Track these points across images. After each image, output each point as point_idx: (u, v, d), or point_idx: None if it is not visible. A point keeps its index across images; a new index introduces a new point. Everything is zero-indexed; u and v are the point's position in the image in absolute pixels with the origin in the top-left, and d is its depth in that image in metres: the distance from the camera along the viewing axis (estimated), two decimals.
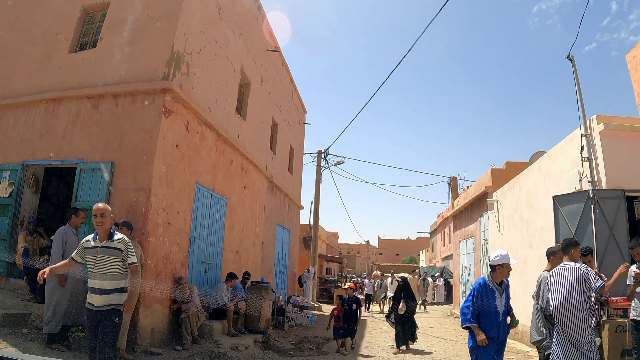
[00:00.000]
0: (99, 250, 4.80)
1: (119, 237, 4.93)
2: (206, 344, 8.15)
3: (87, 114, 8.63)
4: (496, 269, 5.23)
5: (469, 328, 5.19)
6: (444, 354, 9.71)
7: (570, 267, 5.05)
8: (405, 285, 10.08)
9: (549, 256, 5.96)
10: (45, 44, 9.55)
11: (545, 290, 5.50)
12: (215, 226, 10.38)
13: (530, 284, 9.77)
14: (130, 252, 4.92)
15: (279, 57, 16.43)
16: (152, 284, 7.58)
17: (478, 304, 5.15)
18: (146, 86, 8.31)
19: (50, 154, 8.74)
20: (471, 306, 5.17)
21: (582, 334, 4.78)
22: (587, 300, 4.89)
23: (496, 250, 5.49)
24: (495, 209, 13.79)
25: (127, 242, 4.97)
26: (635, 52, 11.73)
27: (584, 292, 4.90)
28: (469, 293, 5.33)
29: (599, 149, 7.99)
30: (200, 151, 9.61)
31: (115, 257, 4.81)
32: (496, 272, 5.23)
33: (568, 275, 4.99)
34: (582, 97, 8.76)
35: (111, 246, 4.83)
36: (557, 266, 5.27)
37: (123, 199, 7.84)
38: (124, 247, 4.87)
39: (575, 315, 4.81)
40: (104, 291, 4.73)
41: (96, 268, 4.77)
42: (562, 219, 8.10)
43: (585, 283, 4.90)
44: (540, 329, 5.62)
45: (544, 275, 5.70)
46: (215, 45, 10.37)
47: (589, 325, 4.85)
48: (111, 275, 4.77)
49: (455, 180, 24.73)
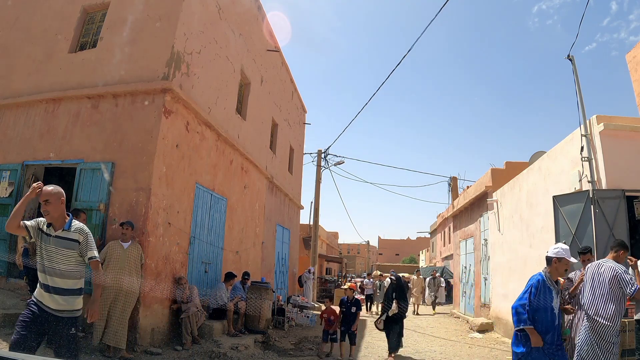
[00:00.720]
0: (52, 241, 3.95)
1: (77, 227, 4.08)
2: (206, 344, 8.16)
3: (87, 114, 8.63)
4: (552, 262, 4.72)
5: (522, 330, 4.60)
6: (444, 354, 9.71)
7: (608, 265, 5.13)
8: (399, 285, 9.28)
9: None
10: (45, 44, 9.55)
11: None
12: (215, 226, 10.38)
13: None
14: (90, 245, 4.07)
15: (279, 57, 16.44)
16: (152, 284, 7.59)
17: (535, 302, 4.58)
18: (146, 86, 8.32)
19: (50, 154, 8.74)
20: (527, 305, 4.58)
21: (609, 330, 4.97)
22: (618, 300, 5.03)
23: (556, 244, 5.07)
24: (495, 209, 13.79)
25: (86, 232, 4.11)
26: (635, 52, 11.73)
27: (616, 292, 5.04)
28: (525, 290, 4.74)
29: (599, 149, 7.99)
30: (200, 151, 9.61)
31: (72, 251, 3.98)
32: (552, 267, 4.72)
33: (602, 272, 5.14)
34: (582, 97, 8.77)
35: (67, 237, 3.99)
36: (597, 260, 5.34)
37: (123, 199, 7.85)
38: (82, 239, 4.03)
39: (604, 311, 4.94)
40: (58, 291, 3.91)
41: (47, 261, 3.94)
42: (562, 219, 8.10)
43: (617, 284, 5.03)
44: None
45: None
46: (215, 45, 10.38)
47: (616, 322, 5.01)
48: (66, 273, 3.94)
49: (455, 180, 24.73)
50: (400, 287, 9.28)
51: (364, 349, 10.07)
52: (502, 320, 12.70)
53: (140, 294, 7.31)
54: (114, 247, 7.10)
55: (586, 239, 7.46)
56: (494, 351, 10.15)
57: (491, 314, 13.94)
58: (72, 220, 4.09)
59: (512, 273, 12.19)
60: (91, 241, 4.11)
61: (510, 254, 12.38)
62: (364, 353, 9.57)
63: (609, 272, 5.14)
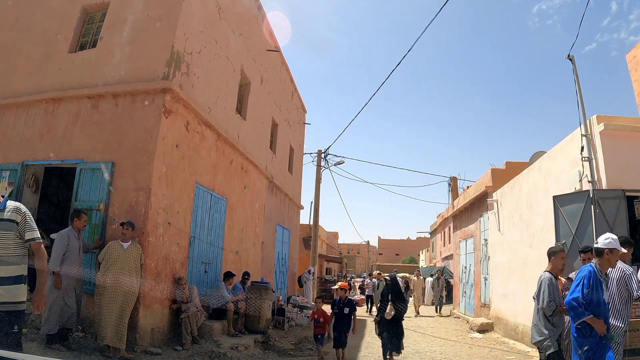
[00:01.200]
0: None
1: (13, 206, 3.81)
2: (206, 344, 8.16)
3: (87, 113, 8.61)
4: (604, 254, 4.59)
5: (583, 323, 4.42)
6: (444, 354, 9.71)
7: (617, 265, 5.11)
8: (394, 285, 8.79)
9: (550, 256, 5.94)
10: (45, 43, 9.53)
11: (545, 291, 5.50)
12: (215, 226, 10.37)
13: (531, 285, 9.75)
14: (29, 225, 3.80)
15: (279, 57, 16.42)
16: (152, 284, 7.58)
17: (588, 296, 4.41)
18: (146, 86, 8.31)
19: (50, 154, 8.71)
20: (580, 298, 4.41)
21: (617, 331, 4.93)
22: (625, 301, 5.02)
23: (605, 234, 4.87)
24: (495, 209, 13.79)
25: (23, 211, 3.83)
26: (636, 52, 11.73)
27: (623, 293, 5.02)
28: (576, 283, 4.56)
29: (599, 149, 7.99)
30: (200, 151, 9.60)
31: (9, 232, 3.69)
32: (603, 259, 4.60)
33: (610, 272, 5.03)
34: (582, 97, 8.76)
35: (2, 218, 3.72)
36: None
37: (123, 199, 7.84)
38: (20, 219, 3.76)
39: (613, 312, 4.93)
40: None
41: None
42: (563, 219, 8.09)
43: (625, 286, 5.02)
44: (541, 330, 5.59)
45: (544, 276, 5.69)
46: (215, 45, 10.37)
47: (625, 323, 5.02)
48: (4, 258, 3.63)
49: (455, 180, 24.71)
50: (395, 287, 8.74)
51: (364, 349, 10.07)
52: (502, 320, 12.69)
53: (140, 294, 7.30)
54: (114, 247, 7.09)
55: (586, 239, 7.45)
56: (494, 351, 10.14)
57: (491, 314, 13.93)
58: (7, 200, 3.83)
59: (512, 273, 12.19)
60: (30, 220, 3.83)
61: (510, 253, 12.38)
62: (364, 353, 9.57)
63: (617, 273, 5.11)
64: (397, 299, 8.48)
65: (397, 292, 8.59)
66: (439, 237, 34.56)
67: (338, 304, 8.09)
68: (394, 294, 8.50)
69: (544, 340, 5.51)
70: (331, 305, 8.26)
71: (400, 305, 8.52)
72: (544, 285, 5.57)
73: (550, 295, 5.47)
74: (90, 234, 7.81)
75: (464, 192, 20.30)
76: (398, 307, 8.41)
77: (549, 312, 5.49)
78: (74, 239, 6.95)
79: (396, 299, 8.44)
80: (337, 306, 8.07)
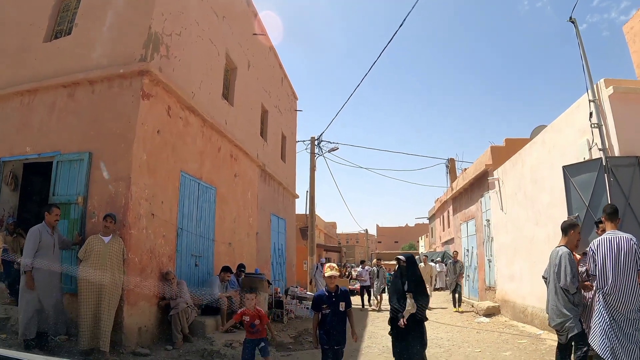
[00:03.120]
0: None
1: None
2: (198, 341, 7.66)
3: (63, 103, 8.17)
4: None
5: None
6: (451, 341, 9.24)
7: (620, 236, 4.55)
8: (412, 270, 5.98)
9: (566, 230, 5.43)
10: (20, 35, 9.11)
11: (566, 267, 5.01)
12: (205, 217, 9.83)
13: (539, 264, 9.28)
14: None
15: (267, 42, 15.84)
16: (137, 280, 7.07)
17: None
18: (123, 69, 7.82)
19: (27, 148, 8.24)
20: None
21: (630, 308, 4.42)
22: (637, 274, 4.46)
23: None
24: (496, 187, 13.29)
25: None
26: (633, 23, 11.19)
27: (635, 265, 4.50)
28: None
29: (609, 114, 7.46)
30: (185, 137, 9.06)
31: None
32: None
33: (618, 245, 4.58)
34: (587, 61, 8.24)
35: None
36: (604, 234, 4.74)
37: (102, 190, 7.34)
38: None
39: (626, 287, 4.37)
40: None
41: None
42: (574, 191, 7.56)
43: (636, 257, 4.53)
44: (562, 311, 5.09)
45: (562, 251, 5.19)
46: (197, 27, 9.83)
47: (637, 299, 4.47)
48: None
49: (452, 161, 24.24)
50: (413, 273, 5.98)
51: (367, 339, 9.59)
52: (509, 303, 12.23)
53: (124, 291, 6.80)
54: (94, 242, 6.57)
55: (601, 210, 6.90)
56: (503, 335, 9.67)
57: (497, 296, 13.48)
58: None
59: (517, 253, 11.71)
60: None
61: (515, 233, 11.90)
62: (367, 344, 9.08)
63: (624, 244, 4.59)
64: (418, 290, 5.82)
65: (416, 280, 5.92)
66: (438, 221, 34.16)
67: (327, 300, 5.29)
68: (413, 282, 5.85)
69: (565, 321, 5.02)
70: (312, 304, 5.51)
71: (423, 301, 5.85)
72: (565, 261, 5.07)
73: (572, 271, 4.98)
74: (70, 230, 7.31)
75: (462, 173, 19.82)
76: (420, 302, 5.75)
77: (574, 289, 5.01)
78: (47, 235, 6.44)
79: (416, 290, 5.78)
80: (326, 302, 5.27)
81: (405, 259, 6.12)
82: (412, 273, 5.95)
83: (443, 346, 8.75)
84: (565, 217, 7.96)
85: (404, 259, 6.10)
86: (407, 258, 6.15)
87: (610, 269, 4.60)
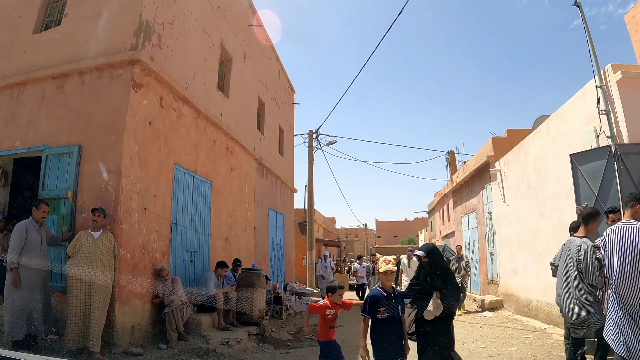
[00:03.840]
0: None
1: None
2: (194, 339, 7.37)
3: (52, 95, 7.90)
4: None
5: None
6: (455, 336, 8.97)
7: (634, 226, 4.18)
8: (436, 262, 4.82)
9: (587, 219, 5.10)
10: (9, 28, 8.87)
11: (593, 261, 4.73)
12: (200, 211, 9.55)
13: (544, 257, 9.05)
14: None
15: (263, 33, 15.49)
16: (128, 277, 6.81)
17: None
18: (113, 59, 7.54)
19: (16, 142, 7.95)
20: None
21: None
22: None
23: None
24: (499, 179, 13.03)
25: None
26: (635, 12, 10.90)
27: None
28: None
29: (617, 100, 7.20)
30: (178, 129, 8.76)
31: None
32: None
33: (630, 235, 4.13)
34: (593, 46, 7.95)
35: None
36: (617, 224, 4.37)
37: (92, 184, 7.05)
38: None
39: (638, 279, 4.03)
40: None
41: None
42: (583, 180, 7.29)
43: None
44: (585, 304, 4.81)
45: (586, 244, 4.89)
46: (190, 17, 9.53)
47: None
48: None
49: (452, 154, 23.95)
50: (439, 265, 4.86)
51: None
52: (512, 297, 12.00)
53: (116, 289, 6.53)
54: (83, 238, 6.28)
55: (611, 199, 6.68)
56: (508, 330, 9.42)
57: (500, 290, 13.25)
58: None
59: (521, 246, 11.47)
60: None
61: (518, 225, 11.65)
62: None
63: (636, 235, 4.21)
64: (447, 285, 4.73)
65: (443, 273, 4.84)
66: (438, 215, 33.86)
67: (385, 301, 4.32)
68: (440, 276, 4.76)
69: (589, 316, 4.75)
70: (365, 305, 4.40)
71: (451, 298, 4.68)
72: (591, 254, 4.78)
73: (599, 266, 4.70)
74: (60, 225, 7.04)
75: (463, 166, 19.53)
76: (448, 301, 4.58)
77: (602, 284, 4.73)
78: (34, 231, 6.18)
79: (445, 285, 4.69)
80: (383, 305, 4.29)
81: (425, 253, 4.80)
82: (437, 266, 4.80)
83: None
84: (572, 207, 7.72)
85: (424, 254, 4.79)
86: (427, 252, 4.83)
87: (617, 261, 4.28)
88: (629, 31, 11.27)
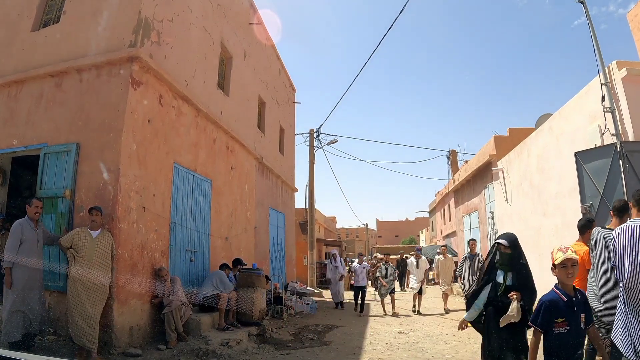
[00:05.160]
0: None
1: None
2: (193, 340, 7.28)
3: (50, 93, 7.81)
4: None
5: None
6: (457, 337, 8.90)
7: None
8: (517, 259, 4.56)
9: (620, 212, 4.86)
10: (7, 26, 8.80)
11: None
12: (200, 210, 9.47)
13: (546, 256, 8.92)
14: None
15: (264, 32, 15.42)
16: (127, 277, 6.71)
17: None
18: (111, 56, 7.43)
19: (14, 141, 7.87)
20: None
21: None
22: None
23: None
24: (501, 178, 12.96)
25: None
26: (637, 10, 10.84)
27: None
28: None
29: (622, 98, 7.13)
30: (178, 128, 8.68)
31: None
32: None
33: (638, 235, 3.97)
34: (598, 43, 7.87)
35: None
36: (627, 223, 4.20)
37: (90, 182, 6.96)
38: None
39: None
40: None
41: None
42: (588, 178, 7.20)
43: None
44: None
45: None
46: (190, 14, 9.44)
47: None
48: None
49: (454, 153, 23.86)
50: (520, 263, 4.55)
51: (369, 335, 9.26)
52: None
53: (114, 289, 6.44)
54: (81, 236, 6.18)
55: (616, 197, 6.57)
56: None
57: None
58: None
59: (523, 245, 11.27)
60: None
61: (520, 224, 11.56)
62: (370, 340, 8.74)
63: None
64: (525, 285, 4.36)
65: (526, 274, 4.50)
66: (439, 215, 33.86)
67: (566, 309, 3.31)
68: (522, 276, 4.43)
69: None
70: (538, 314, 3.34)
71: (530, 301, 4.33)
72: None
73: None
74: (57, 224, 6.95)
75: (464, 165, 19.47)
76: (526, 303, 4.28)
77: None
78: (30, 230, 6.08)
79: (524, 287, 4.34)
80: (563, 315, 3.30)
81: (508, 244, 4.46)
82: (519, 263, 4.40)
83: (449, 342, 8.44)
84: (576, 206, 7.63)
85: (507, 244, 4.44)
86: (510, 242, 4.49)
87: (628, 261, 4.15)
88: (632, 29, 11.20)
